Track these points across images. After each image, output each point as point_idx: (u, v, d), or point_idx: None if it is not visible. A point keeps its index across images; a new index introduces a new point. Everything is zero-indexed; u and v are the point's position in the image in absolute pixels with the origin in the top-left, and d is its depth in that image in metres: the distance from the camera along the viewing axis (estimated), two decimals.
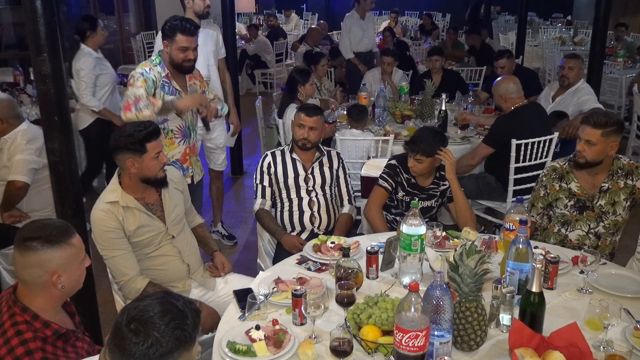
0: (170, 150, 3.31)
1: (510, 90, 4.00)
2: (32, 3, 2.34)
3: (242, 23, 12.33)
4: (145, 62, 3.29)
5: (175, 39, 3.16)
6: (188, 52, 3.19)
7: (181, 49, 3.18)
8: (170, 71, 3.25)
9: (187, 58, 3.21)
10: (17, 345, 1.70)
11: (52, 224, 1.84)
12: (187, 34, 3.16)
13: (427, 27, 11.75)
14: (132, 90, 3.13)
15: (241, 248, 4.53)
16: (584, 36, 10.46)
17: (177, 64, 3.23)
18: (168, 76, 3.25)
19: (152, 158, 2.49)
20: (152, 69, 3.21)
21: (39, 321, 1.75)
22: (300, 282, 2.30)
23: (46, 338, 1.75)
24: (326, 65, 5.78)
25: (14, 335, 1.72)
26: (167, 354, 1.33)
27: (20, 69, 5.98)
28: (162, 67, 3.25)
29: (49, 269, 1.75)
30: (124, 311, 1.38)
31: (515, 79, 4.13)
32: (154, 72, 3.20)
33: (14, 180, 3.37)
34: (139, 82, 3.13)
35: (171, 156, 3.32)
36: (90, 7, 9.17)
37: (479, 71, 7.33)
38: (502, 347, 1.92)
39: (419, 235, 2.22)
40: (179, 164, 3.36)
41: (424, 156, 3.03)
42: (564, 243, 2.93)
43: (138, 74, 3.16)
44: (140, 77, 3.14)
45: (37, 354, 1.70)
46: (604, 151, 2.79)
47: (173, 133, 3.32)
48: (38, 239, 1.75)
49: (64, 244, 1.78)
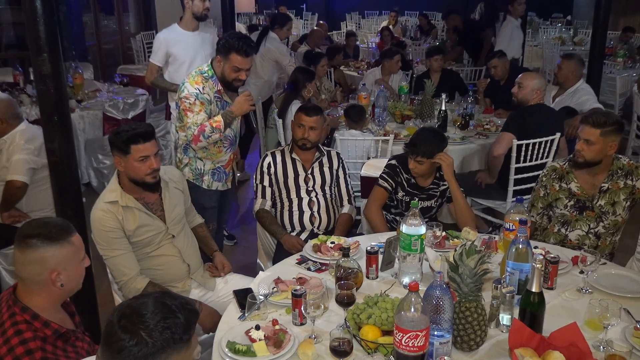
0: (217, 158, 3.32)
1: (543, 85, 4.02)
2: (32, 3, 2.34)
3: (242, 23, 12.33)
4: (196, 75, 3.14)
5: (230, 57, 3.05)
6: (241, 72, 3.09)
7: (234, 69, 3.07)
8: (221, 85, 3.18)
9: (238, 78, 3.12)
10: (17, 345, 1.70)
11: (53, 222, 1.85)
12: (243, 54, 3.03)
13: (424, 28, 11.75)
14: (193, 119, 3.06)
15: (241, 248, 4.53)
16: (583, 36, 10.46)
17: (227, 81, 3.14)
18: (220, 92, 3.18)
19: (136, 160, 2.47)
20: (204, 86, 3.11)
21: (39, 321, 1.75)
22: (300, 282, 2.30)
23: (46, 338, 1.75)
24: (326, 65, 5.78)
25: (14, 335, 1.72)
26: (153, 354, 1.31)
27: (20, 69, 5.97)
28: (215, 81, 3.15)
29: (48, 267, 1.76)
30: (118, 308, 1.38)
31: (540, 74, 4.21)
32: (207, 89, 3.11)
33: (13, 180, 3.37)
34: (197, 107, 3.06)
35: (217, 162, 3.33)
36: (90, 7, 9.17)
37: (478, 71, 7.33)
38: (502, 347, 1.92)
39: (419, 235, 2.22)
40: (223, 169, 3.38)
41: (424, 158, 3.03)
42: (564, 243, 2.93)
43: (193, 96, 3.06)
44: (196, 101, 3.06)
45: (37, 354, 1.70)
46: (603, 151, 2.78)
47: (222, 142, 3.29)
48: (38, 237, 1.76)
49: (64, 242, 1.79)
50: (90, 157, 5.36)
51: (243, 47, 3.03)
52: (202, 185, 3.32)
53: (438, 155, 3.03)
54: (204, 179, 3.33)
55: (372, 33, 12.48)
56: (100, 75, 8.39)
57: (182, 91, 3.13)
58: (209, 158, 3.30)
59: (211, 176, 3.34)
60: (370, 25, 14.19)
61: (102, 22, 9.78)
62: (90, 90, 5.74)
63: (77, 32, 8.41)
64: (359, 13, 15.86)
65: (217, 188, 3.38)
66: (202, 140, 3.08)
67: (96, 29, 9.40)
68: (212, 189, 3.36)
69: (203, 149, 3.25)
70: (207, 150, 3.27)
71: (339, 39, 12.23)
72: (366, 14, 15.91)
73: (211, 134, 3.07)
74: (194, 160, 3.29)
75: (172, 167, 3.25)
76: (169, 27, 4.43)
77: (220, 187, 3.40)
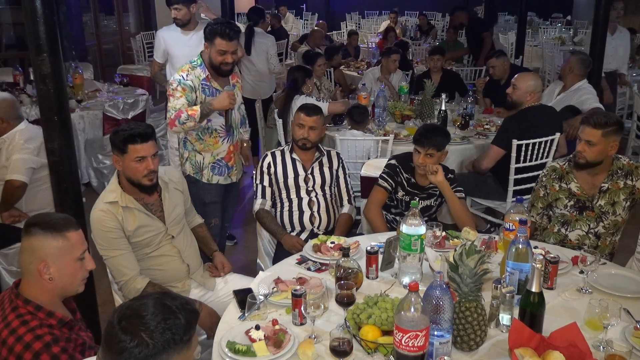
0: (215, 149, 3.36)
1: (537, 86, 4.01)
2: (32, 3, 2.34)
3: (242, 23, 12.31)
4: (184, 65, 3.28)
5: (215, 42, 3.17)
6: (226, 55, 3.20)
7: (219, 52, 3.18)
8: (210, 72, 3.27)
9: (224, 61, 3.21)
10: (25, 333, 1.72)
11: (57, 215, 1.91)
12: (226, 38, 3.16)
13: (423, 28, 11.75)
14: (173, 103, 3.16)
15: (241, 248, 4.53)
16: (583, 36, 10.46)
17: (215, 66, 3.24)
18: (208, 78, 3.26)
19: (132, 160, 2.47)
20: (189, 73, 3.22)
21: (43, 311, 1.78)
22: (300, 282, 2.30)
23: (52, 325, 1.77)
24: (323, 65, 5.78)
25: (20, 325, 1.73)
26: (154, 355, 1.31)
27: (20, 69, 5.97)
28: (203, 68, 3.26)
29: (38, 256, 1.78)
30: (118, 309, 1.38)
31: (536, 75, 4.17)
32: (192, 76, 3.21)
33: (12, 179, 3.37)
34: (178, 92, 3.17)
35: (217, 154, 3.37)
36: (90, 7, 9.17)
37: (478, 71, 7.33)
38: (502, 347, 1.92)
39: (419, 235, 2.22)
40: (224, 162, 3.41)
41: (434, 149, 3.03)
42: (564, 243, 2.93)
43: (176, 82, 3.19)
44: (178, 87, 3.17)
45: (46, 337, 1.72)
46: (604, 151, 2.78)
47: (217, 132, 3.35)
48: (38, 225, 1.80)
49: (57, 234, 1.81)
50: (90, 157, 5.37)
51: (226, 30, 3.16)
52: (202, 179, 3.35)
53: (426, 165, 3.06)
54: (204, 173, 3.36)
55: (372, 33, 12.48)
56: (100, 75, 8.40)
57: (169, 83, 3.24)
58: (206, 150, 3.34)
59: (211, 170, 3.37)
60: (370, 25, 14.20)
61: (102, 22, 9.78)
62: (90, 90, 5.74)
63: (77, 32, 8.41)
64: (359, 13, 15.87)
65: (218, 182, 3.41)
66: (177, 126, 3.15)
67: (96, 29, 9.40)
68: (212, 182, 3.38)
69: (199, 140, 3.32)
70: (204, 141, 3.33)
71: (339, 39, 12.24)
72: (366, 14, 15.92)
73: (186, 120, 3.13)
74: (193, 154, 3.34)
75: (172, 167, 3.26)
76: (169, 25, 4.58)
77: (222, 181, 3.42)
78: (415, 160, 3.09)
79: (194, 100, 3.21)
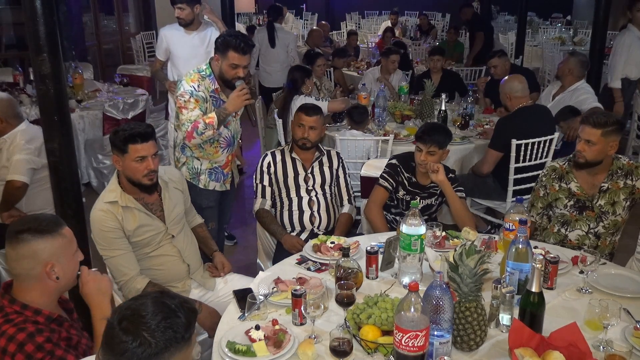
0: (214, 158, 3.32)
1: (516, 89, 4.00)
2: (31, 3, 2.34)
3: (242, 23, 12.32)
4: (193, 73, 3.15)
5: (227, 55, 3.06)
6: (238, 69, 3.09)
7: (231, 66, 3.08)
8: (219, 84, 3.18)
9: (237, 75, 3.12)
10: (9, 328, 1.71)
11: (42, 216, 1.88)
12: (240, 52, 3.04)
13: (424, 28, 11.75)
14: (187, 115, 3.05)
15: (241, 248, 4.53)
16: (583, 36, 10.46)
17: (226, 79, 3.15)
18: (217, 90, 3.18)
19: (133, 160, 2.47)
20: (200, 84, 3.12)
21: (29, 310, 1.77)
22: (300, 282, 2.30)
23: (38, 322, 1.76)
24: (322, 65, 5.78)
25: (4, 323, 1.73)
26: (156, 354, 1.31)
27: (20, 69, 5.97)
28: (212, 79, 3.16)
29: (41, 260, 1.77)
30: (117, 310, 1.38)
31: (521, 77, 4.12)
32: (203, 87, 3.12)
33: (13, 180, 3.37)
34: (192, 103, 3.06)
35: (214, 162, 3.33)
36: (90, 7, 9.18)
37: (478, 71, 7.33)
38: (502, 347, 1.92)
39: (419, 235, 2.22)
40: (220, 169, 3.37)
41: (436, 147, 3.03)
42: (564, 243, 2.93)
43: (187, 94, 3.07)
44: (191, 98, 3.07)
45: (30, 328, 1.71)
46: (604, 151, 2.79)
47: (219, 143, 3.28)
48: (29, 231, 1.78)
49: (55, 234, 1.80)
50: (90, 157, 5.36)
51: (240, 44, 3.05)
52: (199, 184, 3.32)
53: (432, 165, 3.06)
54: (201, 179, 3.32)
55: (372, 33, 12.47)
56: (100, 75, 8.40)
57: (178, 89, 3.15)
58: (206, 158, 3.30)
59: (208, 176, 3.34)
60: (370, 25, 14.18)
61: (102, 22, 9.78)
62: (90, 90, 5.75)
63: (77, 32, 8.42)
64: (359, 13, 15.85)
65: (214, 188, 3.37)
66: (196, 137, 3.07)
67: (96, 29, 9.41)
68: (209, 188, 3.36)
69: (200, 149, 3.25)
70: (204, 150, 3.26)
71: (339, 39, 12.23)
72: (366, 14, 15.90)
73: (204, 130, 3.05)
74: (191, 160, 3.30)
75: (172, 167, 3.25)
76: (172, 24, 4.60)
77: (218, 188, 3.39)
78: (417, 158, 3.09)
79: (205, 111, 3.12)
